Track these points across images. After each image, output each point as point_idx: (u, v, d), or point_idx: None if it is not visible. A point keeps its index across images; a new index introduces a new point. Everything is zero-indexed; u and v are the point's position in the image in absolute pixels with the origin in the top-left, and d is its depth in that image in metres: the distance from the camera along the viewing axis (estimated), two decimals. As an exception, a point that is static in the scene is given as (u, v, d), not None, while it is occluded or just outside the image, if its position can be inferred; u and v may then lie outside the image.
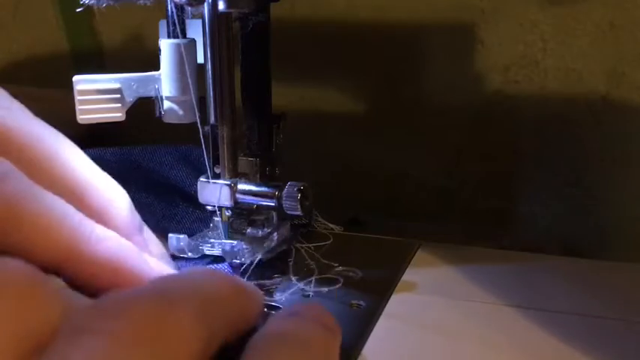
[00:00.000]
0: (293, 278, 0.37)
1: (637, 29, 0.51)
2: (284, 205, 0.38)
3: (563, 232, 0.56)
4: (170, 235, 0.39)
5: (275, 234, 0.40)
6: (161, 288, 0.19)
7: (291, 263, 0.39)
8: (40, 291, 0.18)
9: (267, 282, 0.37)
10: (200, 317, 0.19)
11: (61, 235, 0.27)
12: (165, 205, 0.45)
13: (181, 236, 0.39)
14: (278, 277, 0.38)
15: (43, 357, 0.17)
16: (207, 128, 0.39)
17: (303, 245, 0.41)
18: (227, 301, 0.21)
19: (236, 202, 0.39)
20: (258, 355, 0.19)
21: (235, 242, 0.38)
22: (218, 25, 0.37)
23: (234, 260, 0.38)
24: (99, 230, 0.28)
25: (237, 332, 0.22)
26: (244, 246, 0.38)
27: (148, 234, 0.35)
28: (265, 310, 0.34)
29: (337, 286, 0.36)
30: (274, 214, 0.40)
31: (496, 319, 0.34)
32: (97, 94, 0.37)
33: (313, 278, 0.37)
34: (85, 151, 0.45)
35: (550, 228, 0.56)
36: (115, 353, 0.16)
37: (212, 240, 0.40)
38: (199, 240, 0.40)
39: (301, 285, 0.37)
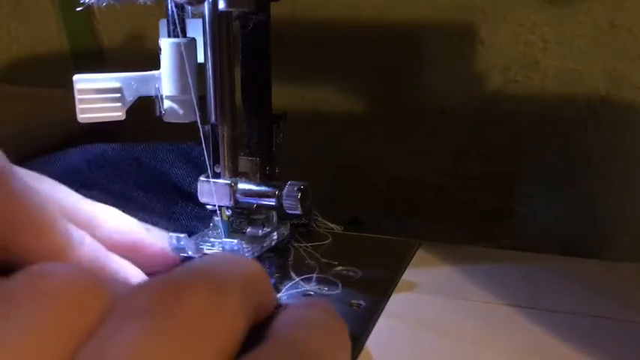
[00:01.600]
0: (293, 277, 0.37)
1: (637, 29, 0.51)
2: (284, 205, 0.38)
3: (563, 232, 0.56)
4: (170, 234, 0.39)
5: (275, 233, 0.40)
6: (208, 272, 0.20)
7: (290, 262, 0.39)
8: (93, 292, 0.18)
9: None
10: (244, 301, 0.20)
11: (53, 237, 0.28)
12: (163, 203, 0.44)
13: (181, 235, 0.39)
14: (278, 276, 0.38)
15: (98, 333, 0.17)
16: (207, 127, 0.39)
17: (303, 245, 0.41)
18: (258, 282, 0.22)
19: (236, 201, 0.39)
20: (287, 334, 0.20)
21: (236, 241, 0.38)
22: (218, 24, 0.37)
23: None
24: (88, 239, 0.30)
25: (264, 312, 0.23)
26: (244, 245, 0.38)
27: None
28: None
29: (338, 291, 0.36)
30: (274, 213, 0.40)
31: (496, 319, 0.34)
32: (97, 93, 0.37)
33: (314, 276, 0.37)
34: (88, 146, 0.45)
35: (550, 228, 0.56)
36: (174, 335, 0.17)
37: (212, 239, 0.40)
38: (199, 239, 0.40)
39: (301, 284, 0.37)
